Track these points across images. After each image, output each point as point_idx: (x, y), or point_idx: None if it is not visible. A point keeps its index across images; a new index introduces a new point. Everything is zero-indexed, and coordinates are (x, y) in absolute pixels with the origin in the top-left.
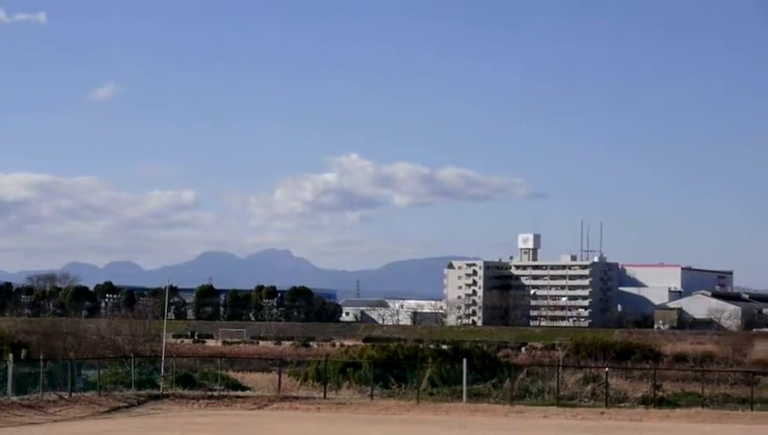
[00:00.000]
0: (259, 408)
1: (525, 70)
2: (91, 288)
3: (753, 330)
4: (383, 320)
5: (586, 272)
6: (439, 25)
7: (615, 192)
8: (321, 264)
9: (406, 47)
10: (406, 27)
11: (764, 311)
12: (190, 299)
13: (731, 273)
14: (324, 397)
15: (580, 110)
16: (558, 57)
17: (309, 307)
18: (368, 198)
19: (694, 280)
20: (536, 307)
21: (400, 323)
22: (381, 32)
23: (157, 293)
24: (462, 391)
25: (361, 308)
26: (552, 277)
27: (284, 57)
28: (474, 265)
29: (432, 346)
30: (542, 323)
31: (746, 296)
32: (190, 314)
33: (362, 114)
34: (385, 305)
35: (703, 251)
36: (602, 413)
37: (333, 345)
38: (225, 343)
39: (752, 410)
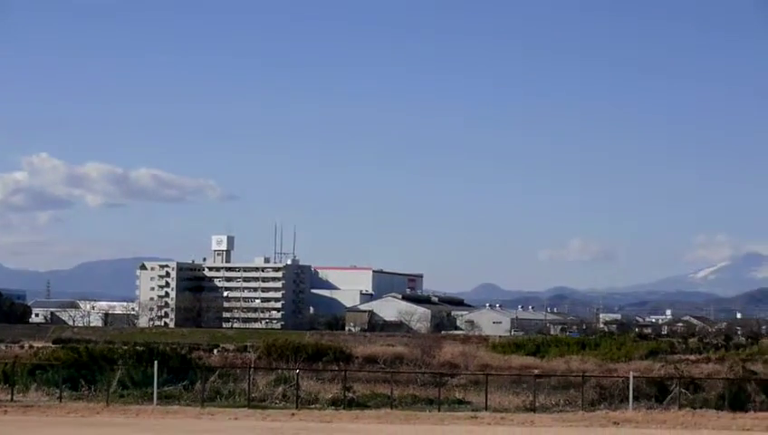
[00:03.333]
0: None
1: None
2: None
3: (442, 332)
4: (74, 321)
5: (279, 274)
6: (120, 28)
7: (308, 195)
8: (10, 264)
9: (95, 48)
10: (93, 29)
11: (453, 314)
12: None
13: (421, 276)
14: (12, 400)
15: (270, 112)
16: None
17: None
18: (59, 198)
19: (385, 283)
20: (229, 309)
21: (92, 324)
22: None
23: None
24: (153, 393)
25: (52, 309)
26: (245, 279)
27: None
28: (167, 266)
29: (124, 348)
30: (235, 325)
31: (436, 299)
32: None
33: (52, 113)
34: (76, 307)
35: (393, 255)
36: (293, 415)
37: (22, 347)
38: None
39: (439, 410)
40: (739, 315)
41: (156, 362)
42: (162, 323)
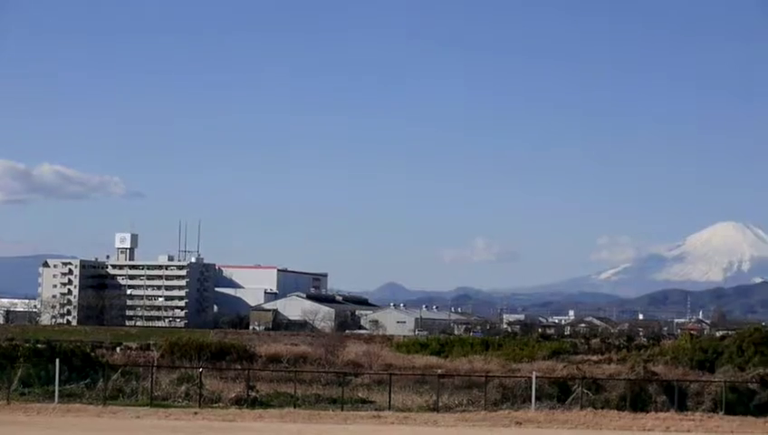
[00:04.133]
0: None
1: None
2: None
3: (346, 331)
4: None
5: (183, 272)
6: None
7: (213, 194)
8: None
9: None
10: None
11: (357, 313)
12: None
13: (325, 275)
14: None
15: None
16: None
17: None
18: None
19: (289, 282)
20: (132, 307)
21: None
22: None
23: None
24: (54, 392)
25: None
26: (149, 277)
27: None
28: (70, 263)
29: (26, 345)
30: (138, 323)
31: (340, 299)
32: None
33: None
34: None
35: (298, 254)
36: (196, 413)
37: None
38: None
39: (342, 410)
40: (641, 316)
41: (57, 360)
42: (65, 321)
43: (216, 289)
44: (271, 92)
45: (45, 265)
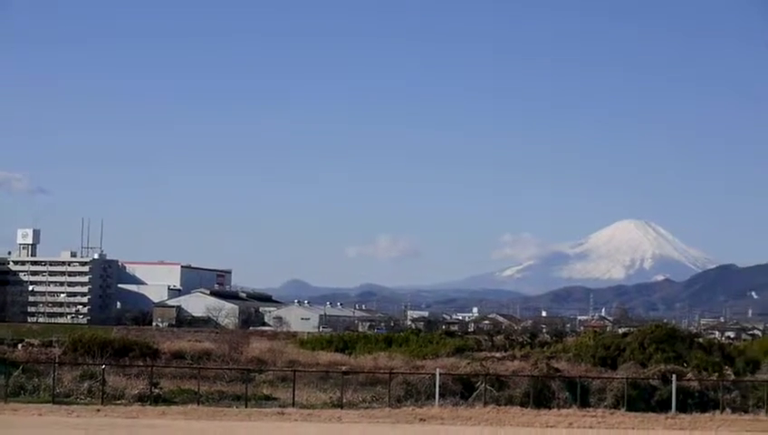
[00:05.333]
0: None
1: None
2: None
3: (250, 328)
4: None
5: (86, 269)
6: None
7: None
8: None
9: None
10: None
11: (261, 309)
12: None
13: (229, 272)
14: None
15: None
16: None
17: None
18: None
19: (193, 278)
20: (34, 303)
21: None
22: None
23: None
24: None
25: None
26: (52, 273)
27: None
28: None
29: None
30: (41, 320)
31: (244, 295)
32: None
33: None
34: None
35: (202, 250)
36: (98, 410)
37: None
38: None
39: (246, 406)
40: (544, 313)
41: None
42: None
43: (120, 285)
44: (168, 86)
45: None
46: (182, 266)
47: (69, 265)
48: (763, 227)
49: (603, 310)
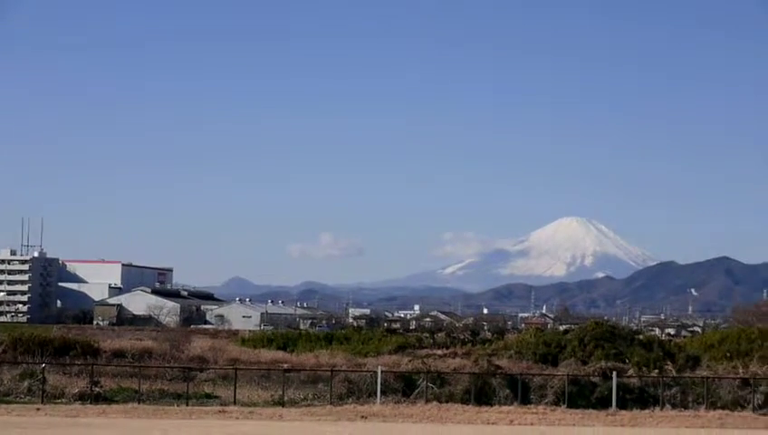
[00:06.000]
0: None
1: None
2: None
3: (192, 326)
4: None
5: (25, 267)
6: None
7: (57, 188)
8: None
9: None
10: None
11: (202, 308)
12: None
13: (171, 270)
14: None
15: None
16: None
17: None
18: None
19: (134, 277)
20: None
21: None
22: None
23: None
24: None
25: None
26: None
27: None
28: None
29: None
30: None
31: (185, 293)
32: None
33: None
34: None
35: (143, 248)
36: (38, 409)
37: None
38: None
39: (187, 405)
40: (486, 311)
41: None
42: None
43: (60, 284)
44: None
45: None
46: (123, 265)
47: (8, 263)
48: (702, 224)
49: (545, 307)
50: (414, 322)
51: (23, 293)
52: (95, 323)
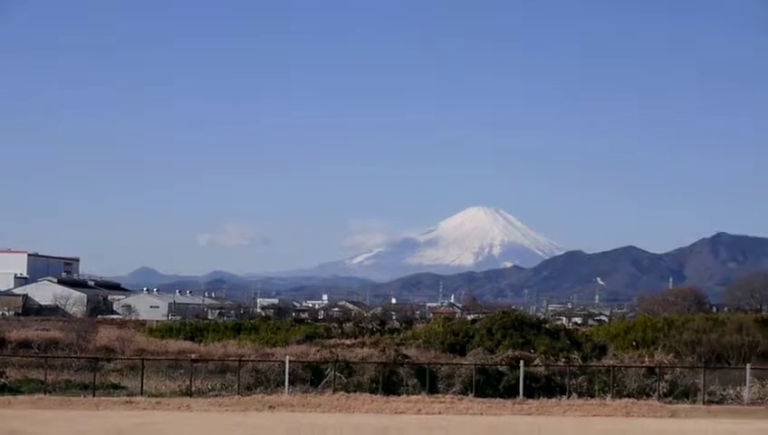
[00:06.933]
0: None
1: None
2: None
3: (99, 317)
4: None
5: None
6: None
7: None
8: None
9: None
10: None
11: (109, 298)
12: None
13: (77, 260)
14: None
15: None
16: None
17: None
18: None
19: (40, 266)
20: None
21: None
22: None
23: None
24: None
25: None
26: None
27: None
28: None
29: None
30: None
31: (92, 283)
32: None
33: None
34: None
35: (49, 238)
36: None
37: None
38: None
39: (94, 396)
40: (394, 300)
41: None
42: None
43: None
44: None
45: None
46: (29, 254)
47: None
48: (609, 214)
49: (453, 297)
50: (322, 311)
51: None
52: (0, 313)
